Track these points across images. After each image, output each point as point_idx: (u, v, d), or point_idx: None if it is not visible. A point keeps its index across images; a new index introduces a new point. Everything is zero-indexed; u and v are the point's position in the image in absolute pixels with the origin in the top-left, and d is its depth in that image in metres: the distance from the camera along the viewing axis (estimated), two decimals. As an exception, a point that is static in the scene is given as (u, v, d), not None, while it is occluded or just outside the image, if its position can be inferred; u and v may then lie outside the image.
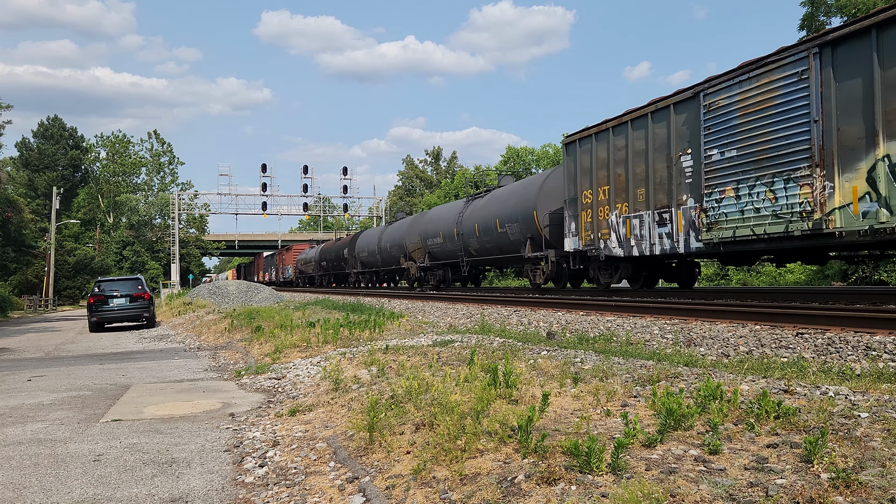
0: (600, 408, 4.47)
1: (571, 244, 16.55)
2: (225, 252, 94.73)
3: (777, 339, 7.32)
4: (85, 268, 58.75)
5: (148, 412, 6.85)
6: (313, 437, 5.36)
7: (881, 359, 5.91)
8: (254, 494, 4.23)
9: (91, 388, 8.76)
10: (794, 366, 5.68)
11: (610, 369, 5.50)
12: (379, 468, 4.23)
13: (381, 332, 11.22)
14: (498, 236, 20.86)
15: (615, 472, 3.21)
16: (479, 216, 22.49)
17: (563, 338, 8.98)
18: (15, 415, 6.99)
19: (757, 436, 3.51)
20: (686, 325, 9.01)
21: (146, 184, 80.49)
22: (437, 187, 73.66)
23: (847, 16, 24.33)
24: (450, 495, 3.45)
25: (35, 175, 67.63)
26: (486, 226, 21.71)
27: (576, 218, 16.35)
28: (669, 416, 3.73)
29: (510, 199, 20.48)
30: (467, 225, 23.27)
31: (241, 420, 6.33)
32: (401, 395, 5.50)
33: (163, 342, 16.22)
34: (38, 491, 4.36)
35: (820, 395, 4.13)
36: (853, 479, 2.75)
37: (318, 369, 8.31)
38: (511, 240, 20.08)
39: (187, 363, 11.36)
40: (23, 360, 13.07)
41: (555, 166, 18.60)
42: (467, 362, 6.34)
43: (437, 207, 30.35)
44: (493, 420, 4.25)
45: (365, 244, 36.88)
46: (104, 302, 21.14)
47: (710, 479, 2.99)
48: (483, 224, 21.95)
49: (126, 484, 4.44)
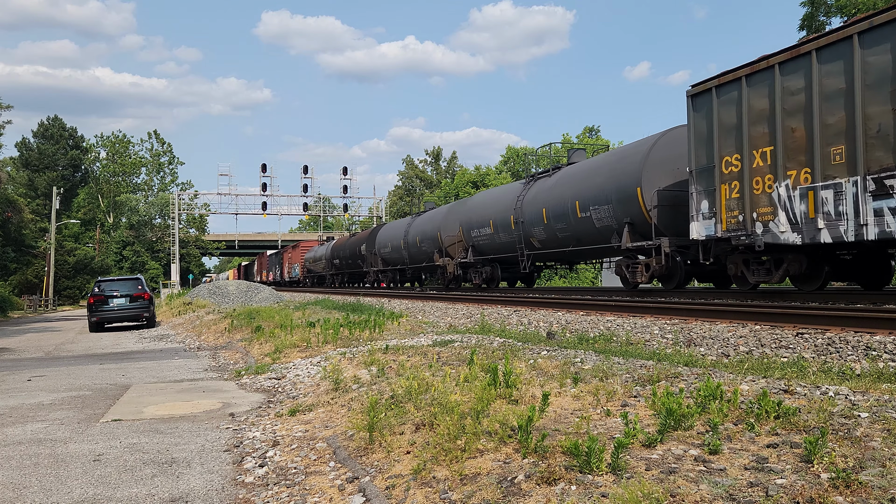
0: (600, 408, 4.47)
1: (702, 229, 12.36)
2: (225, 252, 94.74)
3: (777, 339, 7.32)
4: (85, 268, 58.75)
5: (148, 412, 6.85)
6: (313, 437, 5.36)
7: (881, 359, 5.91)
8: (254, 494, 4.23)
9: (91, 387, 8.76)
10: (794, 366, 5.68)
11: (610, 369, 5.50)
12: (379, 468, 4.23)
13: (381, 332, 11.22)
14: (577, 223, 16.86)
15: (615, 471, 3.21)
16: (546, 199, 18.37)
17: (563, 338, 8.98)
18: (15, 415, 6.98)
19: (757, 436, 3.51)
20: (686, 325, 9.01)
21: (146, 184, 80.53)
22: (437, 187, 73.64)
23: (847, 16, 24.32)
24: (450, 495, 3.45)
25: (35, 175, 67.62)
26: (559, 210, 17.61)
27: (710, 194, 12.15)
28: (669, 416, 3.73)
29: (595, 175, 16.47)
30: (530, 210, 19.09)
31: (241, 420, 6.33)
32: (401, 395, 5.50)
33: (163, 342, 16.22)
34: (38, 491, 4.36)
35: (820, 395, 4.13)
36: (853, 479, 2.75)
37: (318, 369, 8.32)
38: (597, 227, 16.13)
39: (187, 363, 11.36)
40: (23, 360, 13.06)
41: (663, 131, 14.83)
42: (467, 362, 6.34)
43: (484, 192, 25.59)
44: (493, 420, 4.25)
45: (387, 239, 32.54)
46: (104, 302, 21.14)
47: (710, 479, 2.99)
48: (555, 208, 17.82)
49: (126, 484, 4.44)
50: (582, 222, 16.69)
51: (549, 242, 18.56)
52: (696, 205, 12.56)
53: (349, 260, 39.61)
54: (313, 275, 49.83)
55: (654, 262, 14.31)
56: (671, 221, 14.11)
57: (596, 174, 16.47)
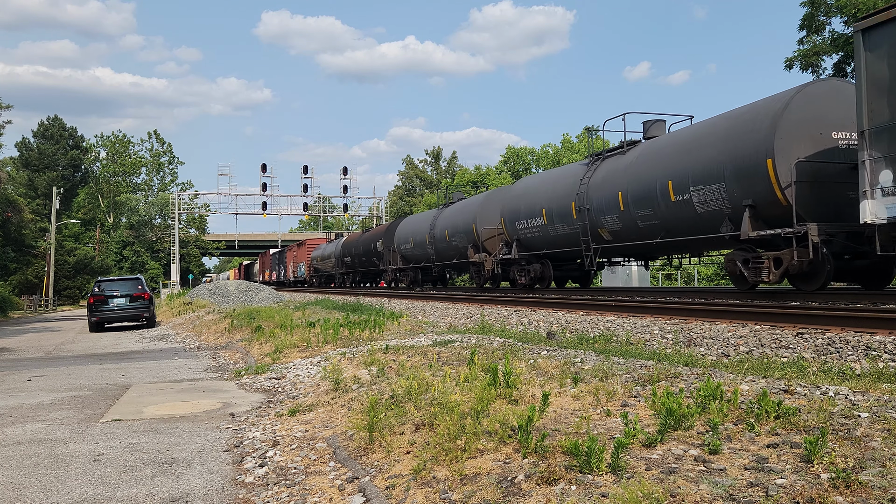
0: (600, 408, 4.47)
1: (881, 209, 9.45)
2: (225, 252, 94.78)
3: (777, 339, 7.32)
4: (85, 268, 58.76)
5: (148, 412, 6.85)
6: (313, 437, 5.37)
7: (881, 359, 5.91)
8: (254, 494, 4.23)
9: (91, 387, 8.76)
10: (794, 366, 5.68)
11: (610, 369, 5.51)
12: (379, 468, 4.23)
13: (381, 332, 11.23)
14: (670, 209, 13.59)
15: (615, 471, 3.21)
16: (623, 181, 15.06)
17: (563, 338, 8.98)
18: (15, 415, 6.99)
19: (757, 436, 3.51)
20: (686, 325, 9.02)
21: (146, 184, 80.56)
22: (438, 187, 73.68)
23: (847, 16, 24.29)
24: (450, 495, 3.45)
25: (35, 175, 67.64)
26: (641, 194, 14.37)
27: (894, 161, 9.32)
28: (669, 416, 3.73)
29: (697, 147, 13.16)
30: (599, 196, 15.83)
31: (241, 420, 6.33)
32: (401, 395, 5.50)
33: (163, 342, 16.22)
34: (38, 491, 4.36)
35: (820, 395, 4.13)
36: (853, 479, 2.75)
37: (318, 369, 8.32)
38: (699, 213, 12.93)
39: (187, 363, 11.36)
40: (23, 360, 13.07)
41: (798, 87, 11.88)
42: (467, 362, 6.34)
43: (533, 176, 22.17)
44: (493, 420, 4.25)
45: (408, 233, 29.13)
46: (104, 302, 21.16)
47: (710, 479, 2.99)
48: (636, 192, 14.54)
49: (126, 484, 4.44)
50: (677, 207, 13.38)
51: (625, 234, 15.24)
52: (871, 177, 9.51)
53: (363, 258, 36.62)
54: (321, 274, 47.16)
55: (790, 256, 11.10)
56: (816, 202, 11.05)
57: (698, 146, 13.12)
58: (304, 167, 63.01)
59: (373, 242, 34.74)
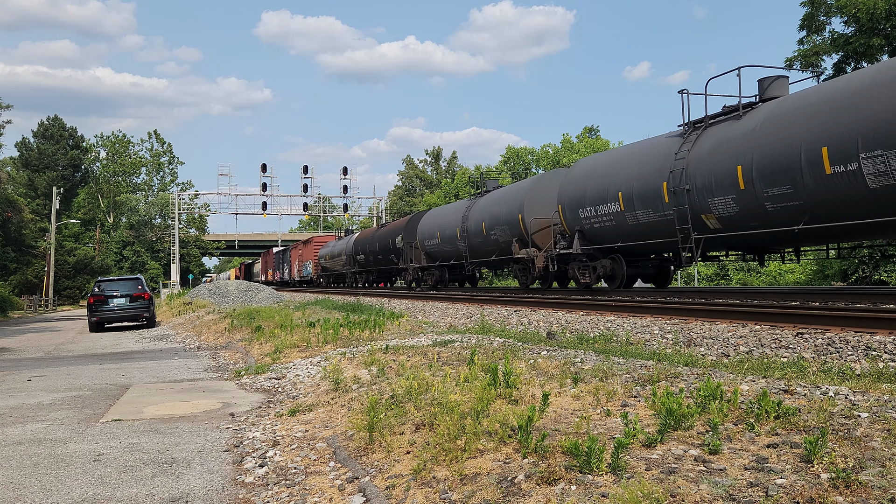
0: (600, 408, 4.47)
1: None
2: (225, 252, 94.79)
3: (777, 339, 7.32)
4: (85, 268, 58.75)
5: (148, 412, 6.85)
6: (313, 437, 5.36)
7: (881, 359, 5.91)
8: (254, 494, 4.23)
9: (91, 387, 8.76)
10: (794, 366, 5.68)
11: (610, 369, 5.51)
12: (379, 468, 4.23)
13: (381, 332, 11.23)
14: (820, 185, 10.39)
15: (615, 472, 3.21)
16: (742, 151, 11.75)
17: (563, 338, 8.98)
18: (15, 415, 6.99)
19: (757, 436, 3.51)
20: (686, 325, 9.02)
21: (146, 184, 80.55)
22: (437, 187, 73.66)
23: (847, 16, 24.27)
24: (450, 495, 3.45)
25: (35, 175, 67.65)
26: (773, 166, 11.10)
27: None
28: (669, 416, 3.73)
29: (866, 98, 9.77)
30: (705, 172, 12.54)
31: (241, 420, 6.33)
32: (401, 395, 5.50)
33: (163, 342, 16.22)
34: (38, 491, 4.36)
35: (820, 395, 4.13)
36: (853, 479, 2.75)
37: (318, 369, 8.32)
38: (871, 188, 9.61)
39: (187, 363, 11.36)
40: (23, 360, 13.07)
41: None
42: (467, 362, 6.34)
43: (600, 154, 18.09)
44: (493, 420, 4.25)
45: (434, 227, 25.58)
46: (104, 302, 21.15)
47: (710, 479, 2.99)
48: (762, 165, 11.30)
49: (126, 484, 4.44)
50: (833, 182, 10.15)
51: (743, 219, 12.01)
52: None
53: (378, 255, 32.65)
54: (329, 273, 43.39)
55: None
56: None
57: (868, 98, 9.71)
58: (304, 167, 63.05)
59: (391, 238, 30.86)
